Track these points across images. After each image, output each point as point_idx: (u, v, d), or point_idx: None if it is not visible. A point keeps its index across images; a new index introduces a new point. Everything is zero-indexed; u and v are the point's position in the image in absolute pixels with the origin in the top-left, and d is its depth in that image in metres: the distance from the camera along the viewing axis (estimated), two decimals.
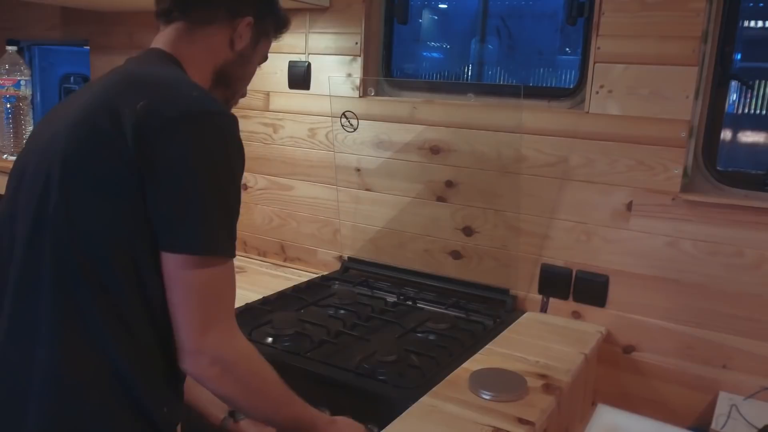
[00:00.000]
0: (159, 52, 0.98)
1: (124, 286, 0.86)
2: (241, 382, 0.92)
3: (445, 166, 1.76)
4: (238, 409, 1.04)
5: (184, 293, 0.86)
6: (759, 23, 1.61)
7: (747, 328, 1.46)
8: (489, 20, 2.13)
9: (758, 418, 1.32)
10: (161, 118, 0.84)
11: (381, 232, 1.89)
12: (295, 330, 1.44)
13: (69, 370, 0.85)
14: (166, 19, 1.00)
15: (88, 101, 0.90)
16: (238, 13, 1.00)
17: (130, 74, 0.95)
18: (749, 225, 1.43)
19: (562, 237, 1.64)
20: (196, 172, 0.85)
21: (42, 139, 0.93)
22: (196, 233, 0.85)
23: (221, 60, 1.02)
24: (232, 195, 0.90)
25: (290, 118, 2.00)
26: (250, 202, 2.13)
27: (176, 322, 0.87)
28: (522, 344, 1.47)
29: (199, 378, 0.90)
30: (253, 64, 1.08)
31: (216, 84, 1.02)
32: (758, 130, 1.68)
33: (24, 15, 2.55)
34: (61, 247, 0.85)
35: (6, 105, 1.99)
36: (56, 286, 0.85)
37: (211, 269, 0.88)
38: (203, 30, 1.00)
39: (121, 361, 0.86)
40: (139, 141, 0.83)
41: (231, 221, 0.91)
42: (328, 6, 1.87)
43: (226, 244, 0.90)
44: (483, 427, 1.11)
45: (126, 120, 0.84)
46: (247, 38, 1.03)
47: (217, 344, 0.89)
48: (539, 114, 1.63)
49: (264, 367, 0.96)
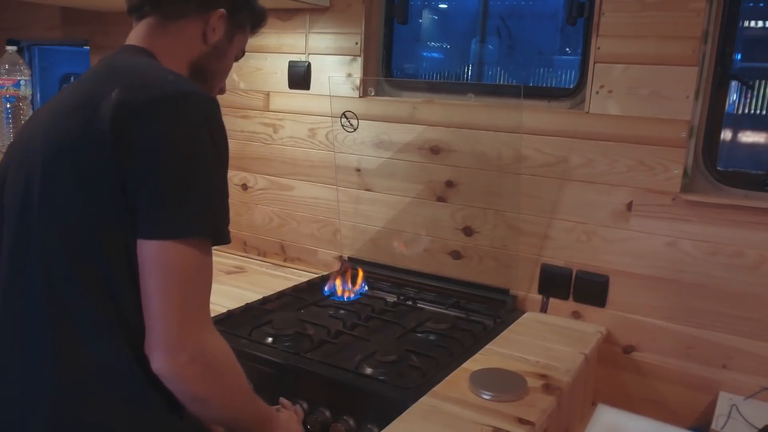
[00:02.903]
0: (132, 47, 0.98)
1: (118, 279, 0.84)
2: (220, 380, 0.88)
3: (445, 166, 1.76)
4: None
5: (162, 281, 0.82)
6: (759, 23, 1.61)
7: (747, 328, 1.46)
8: (489, 20, 2.13)
9: (758, 418, 1.32)
10: (136, 103, 0.83)
11: (381, 232, 1.89)
12: (295, 330, 1.44)
13: (65, 368, 0.84)
14: (138, 15, 1.00)
15: (66, 97, 0.91)
16: (211, 6, 0.99)
17: (104, 67, 0.95)
18: (749, 225, 1.43)
19: (562, 237, 1.64)
20: (171, 154, 0.82)
21: (23, 139, 0.93)
22: (172, 217, 0.82)
23: (195, 54, 1.01)
24: (216, 176, 0.87)
25: (290, 118, 2.00)
26: (250, 202, 2.13)
27: (151, 315, 0.82)
28: (522, 344, 1.47)
29: (174, 377, 0.83)
30: (229, 58, 1.07)
31: (192, 78, 1.00)
32: (758, 130, 1.68)
33: (24, 15, 2.55)
34: (49, 244, 0.84)
35: (6, 105, 1.99)
36: (46, 282, 0.84)
37: (190, 255, 0.83)
38: (175, 24, 0.99)
39: (120, 357, 0.85)
40: (115, 129, 0.81)
41: (215, 203, 0.86)
42: (328, 6, 1.87)
43: (205, 225, 0.85)
44: (483, 427, 1.11)
45: (103, 111, 0.83)
46: (220, 31, 1.01)
47: (196, 339, 0.84)
48: (539, 114, 1.63)
49: (236, 362, 0.92)
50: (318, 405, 1.26)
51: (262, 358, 1.33)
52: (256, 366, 1.33)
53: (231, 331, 1.42)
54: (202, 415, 0.91)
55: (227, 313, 1.54)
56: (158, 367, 0.83)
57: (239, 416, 0.94)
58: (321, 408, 1.25)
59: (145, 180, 0.82)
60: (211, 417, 0.92)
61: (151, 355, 0.83)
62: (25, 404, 0.85)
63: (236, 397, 0.92)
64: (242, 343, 1.38)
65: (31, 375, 0.86)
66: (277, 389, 1.28)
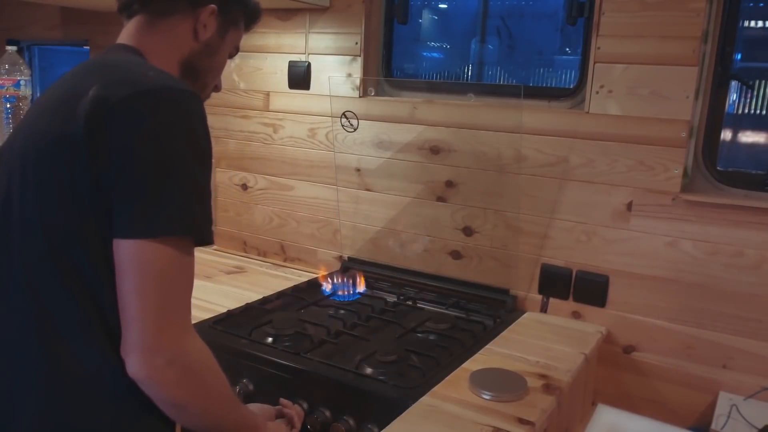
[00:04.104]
0: (121, 46, 0.96)
1: (99, 280, 0.82)
2: (199, 384, 0.84)
3: (445, 166, 1.76)
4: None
5: (138, 282, 0.78)
6: (759, 23, 1.61)
7: (747, 328, 1.46)
8: (489, 20, 2.13)
9: (758, 418, 1.32)
10: (112, 98, 0.80)
11: (381, 232, 1.89)
12: (295, 330, 1.44)
13: (49, 368, 0.83)
14: (128, 14, 0.98)
15: (48, 96, 0.90)
16: (201, 2, 0.97)
17: (87, 65, 0.94)
18: (749, 225, 1.43)
19: (562, 237, 1.64)
20: (146, 149, 0.79)
21: (10, 138, 0.93)
22: (148, 215, 0.79)
23: (186, 51, 0.98)
24: (196, 172, 0.83)
25: (290, 118, 2.00)
26: (250, 202, 2.13)
27: (127, 316, 0.79)
28: (522, 344, 1.47)
29: (150, 381, 0.80)
30: (222, 55, 1.04)
31: (183, 76, 0.99)
32: (758, 130, 1.68)
33: (24, 15, 2.55)
34: (29, 243, 0.84)
35: (6, 105, 1.98)
36: (28, 282, 0.84)
37: (168, 254, 0.79)
38: (165, 21, 0.97)
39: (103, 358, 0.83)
40: (90, 126, 0.79)
41: (194, 200, 0.83)
42: (328, 6, 1.87)
43: (182, 224, 0.81)
44: (483, 427, 1.11)
45: (80, 108, 0.81)
46: (212, 28, 0.99)
47: (174, 341, 0.80)
48: (539, 114, 1.63)
49: (217, 366, 0.88)
50: (318, 405, 1.26)
51: (262, 358, 1.33)
52: (256, 366, 1.33)
53: (231, 331, 1.43)
54: (182, 422, 0.88)
55: (227, 313, 1.54)
56: (134, 370, 0.79)
57: (221, 423, 0.90)
58: (321, 408, 1.25)
59: (120, 176, 0.79)
60: (191, 424, 0.88)
61: (127, 358, 0.80)
62: (12, 403, 0.85)
63: (217, 403, 0.88)
64: (242, 343, 1.38)
65: (17, 375, 0.85)
66: (277, 389, 1.28)
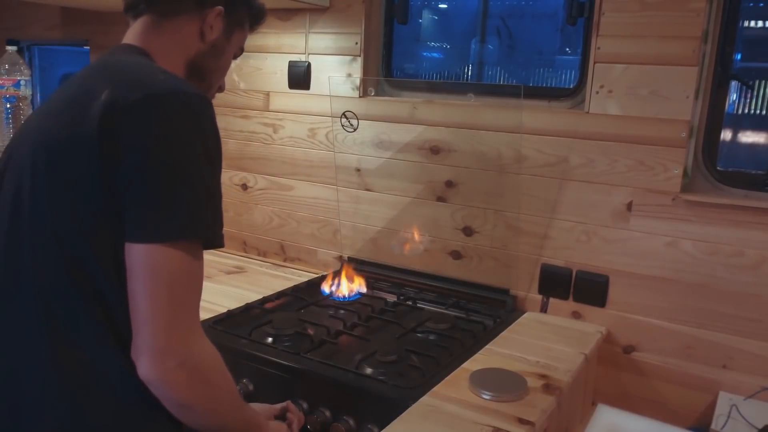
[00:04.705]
0: (127, 46, 0.96)
1: (109, 283, 0.82)
2: (207, 386, 0.86)
3: (445, 166, 1.76)
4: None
5: (149, 285, 0.80)
6: (759, 23, 1.61)
7: (747, 328, 1.46)
8: (489, 20, 2.13)
9: (758, 418, 1.32)
10: (125, 102, 0.81)
11: (381, 232, 1.89)
12: (295, 330, 1.44)
13: (59, 371, 0.83)
14: (134, 14, 0.98)
15: (57, 98, 0.90)
16: (208, 3, 0.97)
17: (96, 67, 0.93)
18: (749, 225, 1.43)
19: (562, 237, 1.64)
20: (158, 153, 0.80)
21: (17, 140, 0.92)
22: (160, 219, 0.79)
23: (193, 52, 0.99)
24: (206, 176, 0.84)
25: (290, 118, 2.00)
26: (250, 202, 2.13)
27: (138, 319, 0.80)
28: (522, 344, 1.47)
29: (161, 383, 0.81)
30: (227, 56, 1.05)
31: (189, 77, 0.99)
32: (758, 130, 1.68)
33: (24, 15, 2.55)
34: (39, 245, 0.84)
35: (6, 105, 1.98)
36: (38, 284, 0.84)
37: (179, 258, 0.80)
38: (172, 22, 0.97)
39: (112, 361, 0.83)
40: (103, 129, 0.80)
41: (205, 205, 0.84)
42: (328, 6, 1.87)
43: (194, 228, 0.82)
44: (483, 427, 1.11)
45: (93, 111, 0.81)
46: (218, 29, 1.00)
47: (184, 344, 0.81)
48: (539, 114, 1.63)
49: (225, 368, 0.89)
50: (318, 405, 1.26)
51: (262, 358, 1.33)
52: (256, 366, 1.33)
53: (231, 331, 1.42)
54: (188, 422, 0.89)
55: (227, 313, 1.54)
56: (144, 372, 0.81)
57: (226, 423, 0.92)
58: (321, 408, 1.25)
59: (132, 180, 0.80)
60: (198, 424, 0.89)
61: (138, 361, 0.81)
62: (21, 402, 0.85)
63: (224, 404, 0.90)
64: (242, 343, 1.38)
65: (26, 374, 0.85)
66: (277, 389, 1.28)
